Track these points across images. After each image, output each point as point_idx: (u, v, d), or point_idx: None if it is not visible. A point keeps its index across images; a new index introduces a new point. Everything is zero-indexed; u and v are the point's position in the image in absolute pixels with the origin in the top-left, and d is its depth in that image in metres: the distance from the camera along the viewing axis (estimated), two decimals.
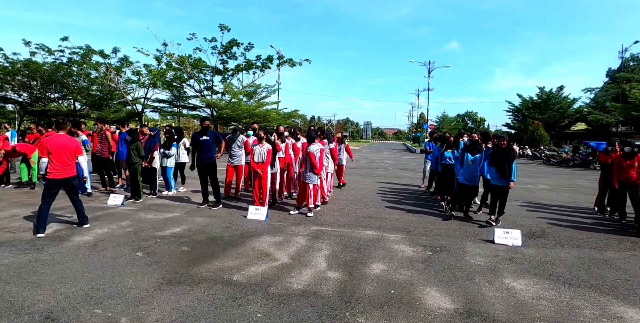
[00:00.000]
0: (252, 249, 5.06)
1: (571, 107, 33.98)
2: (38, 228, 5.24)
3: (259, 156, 7.17)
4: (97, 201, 7.85)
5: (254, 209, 6.89)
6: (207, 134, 7.35)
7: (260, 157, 7.17)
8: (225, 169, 8.67)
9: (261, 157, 7.15)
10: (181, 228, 5.98)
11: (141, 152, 7.77)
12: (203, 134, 7.37)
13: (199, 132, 7.46)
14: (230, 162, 8.71)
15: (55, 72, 24.74)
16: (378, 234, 5.99)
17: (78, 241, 5.16)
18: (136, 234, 5.58)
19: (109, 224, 6.07)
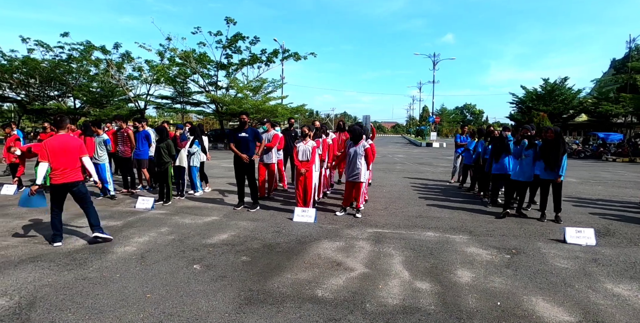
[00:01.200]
0: (319, 257, 4.57)
1: (575, 99, 33.73)
2: (54, 237, 4.71)
3: (304, 154, 6.62)
4: (122, 204, 7.22)
5: (301, 211, 6.35)
6: (246, 131, 6.74)
7: (305, 155, 6.62)
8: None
9: (306, 154, 6.60)
10: (228, 235, 5.41)
11: (172, 151, 7.15)
12: (241, 131, 6.76)
13: (237, 129, 6.85)
14: (261, 159, 8.17)
15: (55, 69, 23.78)
16: (440, 235, 5.58)
17: (121, 253, 4.56)
18: (182, 242, 5.00)
19: (147, 231, 5.47)
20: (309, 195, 6.65)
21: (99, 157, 7.45)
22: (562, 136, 6.57)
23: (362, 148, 6.55)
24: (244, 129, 6.76)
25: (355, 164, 6.56)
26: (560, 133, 6.57)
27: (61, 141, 4.61)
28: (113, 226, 5.68)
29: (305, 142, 6.64)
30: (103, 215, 6.31)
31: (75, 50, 24.20)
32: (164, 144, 7.12)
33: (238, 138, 6.73)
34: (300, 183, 6.66)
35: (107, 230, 5.46)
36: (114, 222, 5.94)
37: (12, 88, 25.06)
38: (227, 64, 25.77)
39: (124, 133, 7.98)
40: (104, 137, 7.45)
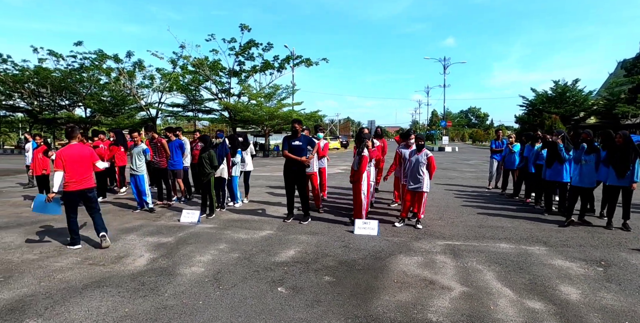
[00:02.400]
0: (406, 275, 4.18)
1: (587, 100, 33.47)
2: (74, 241, 4.94)
3: (355, 163, 6.23)
4: (164, 218, 6.78)
5: (362, 223, 5.94)
6: (300, 139, 6.34)
7: (356, 164, 6.23)
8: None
9: (356, 164, 6.22)
10: (295, 251, 4.98)
11: (214, 162, 6.74)
12: (295, 138, 6.36)
13: (290, 136, 6.45)
14: None
15: (66, 78, 23.44)
16: (516, 247, 5.24)
17: (190, 275, 4.12)
18: (250, 261, 4.57)
19: (205, 249, 5.04)
20: (359, 205, 6.24)
21: (137, 168, 7.03)
22: (632, 141, 6.24)
23: (424, 156, 6.23)
24: (297, 137, 6.37)
25: (417, 173, 6.21)
26: (630, 138, 6.25)
27: (75, 150, 4.81)
28: (166, 243, 5.25)
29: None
30: (149, 230, 5.90)
31: (87, 59, 23.87)
32: (206, 154, 6.71)
33: (292, 146, 6.34)
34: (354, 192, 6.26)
35: (161, 247, 5.05)
36: (165, 238, 5.50)
37: (23, 98, 24.71)
38: (239, 70, 25.43)
39: (157, 143, 7.57)
40: (142, 147, 7.03)
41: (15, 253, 4.75)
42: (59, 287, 3.73)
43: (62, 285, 3.80)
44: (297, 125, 6.38)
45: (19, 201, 8.48)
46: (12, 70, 23.28)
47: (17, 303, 3.38)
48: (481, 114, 68.23)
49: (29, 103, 25.46)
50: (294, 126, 6.41)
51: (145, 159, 7.06)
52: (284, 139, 6.55)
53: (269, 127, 23.73)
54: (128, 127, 21.28)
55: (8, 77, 23.12)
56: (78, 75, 24.25)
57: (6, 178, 12.19)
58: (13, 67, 23.35)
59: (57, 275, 4.03)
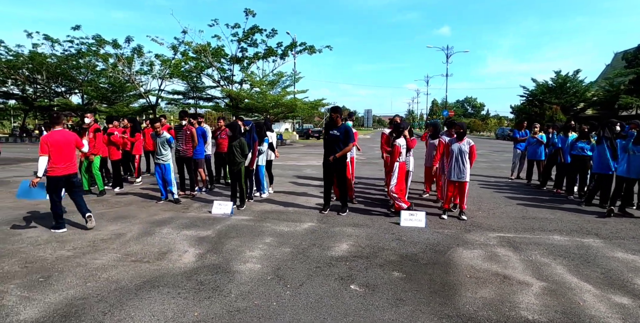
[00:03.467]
0: (475, 269, 3.96)
1: (587, 91, 33.50)
2: (59, 225, 4.99)
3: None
4: (193, 209, 6.39)
5: (408, 215, 5.67)
6: (339, 128, 5.97)
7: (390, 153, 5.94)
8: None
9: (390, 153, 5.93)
10: (348, 245, 4.67)
11: (245, 150, 6.34)
12: (333, 128, 5.99)
13: (329, 125, 6.07)
14: None
15: (62, 64, 22.46)
16: (571, 239, 5.05)
17: (248, 272, 3.78)
18: (306, 256, 4.25)
19: (251, 243, 4.69)
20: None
21: (163, 157, 6.59)
22: None
23: (467, 145, 5.95)
24: (336, 126, 5.99)
25: (460, 162, 5.93)
26: None
27: (60, 136, 4.83)
28: (206, 237, 4.88)
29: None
30: (182, 223, 5.52)
31: (84, 44, 22.84)
32: (237, 142, 6.31)
33: (329, 135, 5.98)
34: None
35: (203, 241, 4.70)
36: (203, 231, 5.13)
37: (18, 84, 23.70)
38: (241, 57, 24.64)
39: (186, 131, 7.11)
40: (166, 136, 6.58)
41: (46, 250, 4.35)
42: (109, 288, 3.36)
43: (112, 285, 3.42)
44: (334, 114, 6.00)
45: None
46: (5, 56, 22.25)
47: (68, 308, 3.01)
48: (477, 104, 68.30)
49: (23, 90, 24.43)
50: (332, 116, 6.03)
51: (170, 146, 6.62)
52: (325, 126, 6.19)
53: (273, 115, 23.14)
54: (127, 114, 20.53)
55: (2, 62, 22.10)
56: (74, 61, 23.26)
57: (8, 167, 11.57)
58: (6, 53, 22.31)
59: (101, 274, 3.65)
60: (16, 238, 4.75)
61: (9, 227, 5.29)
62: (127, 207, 6.49)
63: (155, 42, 22.50)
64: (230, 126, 6.38)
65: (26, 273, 3.68)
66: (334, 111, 6.01)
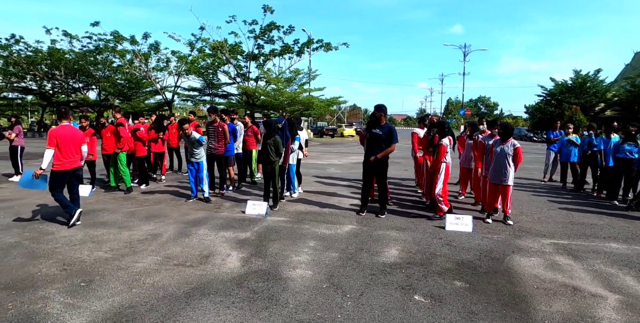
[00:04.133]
0: (540, 279, 3.68)
1: (608, 91, 32.64)
2: (70, 210, 4.93)
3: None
4: (224, 209, 6.16)
5: (454, 219, 5.37)
6: (382, 128, 5.69)
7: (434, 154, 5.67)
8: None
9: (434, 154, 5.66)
10: (397, 250, 4.39)
11: (280, 149, 6.10)
12: (375, 126, 5.71)
13: (371, 123, 5.79)
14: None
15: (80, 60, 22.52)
16: (629, 248, 4.74)
17: (301, 279, 3.53)
18: (357, 262, 3.98)
19: (294, 246, 4.44)
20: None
21: (196, 155, 6.38)
22: None
23: (511, 147, 5.61)
24: (379, 125, 5.71)
25: (501, 164, 5.62)
26: None
27: (68, 131, 4.89)
28: (246, 239, 4.64)
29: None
30: (217, 223, 5.30)
31: (102, 40, 22.82)
32: (272, 140, 6.06)
33: (371, 134, 5.71)
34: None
35: (244, 244, 4.46)
36: (242, 233, 4.89)
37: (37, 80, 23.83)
38: (257, 54, 24.40)
39: (218, 127, 6.87)
40: (195, 136, 6.35)
41: (82, 251, 4.14)
42: (156, 296, 3.13)
43: (159, 292, 3.19)
44: (378, 112, 5.71)
45: None
46: (25, 52, 22.34)
47: (117, 318, 2.78)
48: (491, 103, 67.27)
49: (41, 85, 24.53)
50: (375, 114, 5.75)
51: (201, 145, 6.40)
52: (367, 125, 5.92)
53: (289, 112, 22.87)
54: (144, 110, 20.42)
55: (22, 58, 22.21)
56: (92, 58, 23.28)
57: (30, 162, 11.49)
58: (26, 49, 22.40)
59: (145, 280, 3.43)
60: (49, 238, 4.56)
61: (39, 224, 5.12)
62: (157, 206, 6.28)
63: (172, 39, 22.43)
64: (266, 123, 6.13)
65: (66, 276, 3.47)
66: (379, 109, 5.73)
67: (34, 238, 4.52)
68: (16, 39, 23.49)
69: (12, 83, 24.25)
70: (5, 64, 22.95)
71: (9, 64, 22.80)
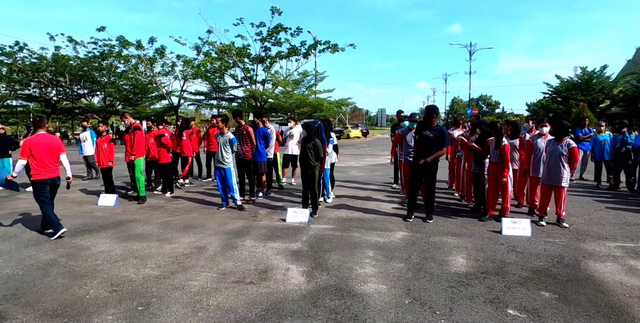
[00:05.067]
0: (628, 287, 3.42)
1: (615, 87, 32.41)
2: (57, 227, 4.76)
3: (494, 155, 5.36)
4: (262, 217, 5.83)
5: (511, 222, 5.08)
6: (434, 130, 5.39)
7: (495, 156, 5.39)
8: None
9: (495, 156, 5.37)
10: (464, 258, 4.09)
11: (320, 153, 5.78)
12: (427, 128, 5.41)
13: (422, 125, 5.49)
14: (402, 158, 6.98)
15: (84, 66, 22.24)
16: None
17: (377, 295, 3.22)
18: (428, 273, 3.68)
19: (353, 257, 4.13)
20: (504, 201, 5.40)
21: (224, 160, 6.05)
22: None
23: (565, 146, 5.31)
24: (430, 127, 5.40)
25: (556, 165, 5.34)
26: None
27: (44, 140, 4.78)
28: (299, 250, 4.31)
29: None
30: (261, 233, 4.98)
31: (107, 46, 22.50)
32: (312, 144, 5.75)
33: (422, 135, 5.40)
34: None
35: (299, 256, 4.15)
36: (291, 243, 4.57)
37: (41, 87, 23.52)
38: (264, 56, 24.08)
39: (242, 131, 6.55)
40: (229, 136, 6.04)
41: (127, 268, 3.81)
42: (228, 320, 2.81)
43: (229, 316, 2.87)
44: (429, 114, 5.42)
45: (79, 197, 7.51)
46: (29, 59, 22.05)
47: None
48: (492, 102, 67.12)
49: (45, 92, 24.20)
50: (426, 115, 5.46)
51: (232, 149, 6.07)
52: (417, 127, 5.61)
53: (297, 115, 22.54)
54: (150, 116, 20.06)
55: (26, 66, 21.91)
56: (96, 63, 22.98)
57: None
58: (30, 56, 22.11)
59: (208, 301, 3.10)
60: (87, 253, 4.23)
61: (70, 238, 4.78)
62: (189, 215, 5.95)
63: (178, 43, 22.09)
64: (307, 126, 5.82)
65: (118, 299, 3.14)
66: (431, 111, 5.44)
67: (70, 255, 4.18)
68: (20, 46, 23.29)
69: (15, 91, 23.96)
70: (9, 72, 22.69)
71: (12, 71, 22.53)
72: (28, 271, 3.75)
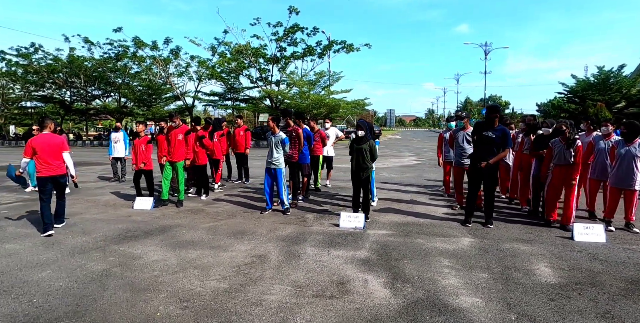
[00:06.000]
0: None
1: (634, 87, 31.78)
2: (46, 228, 4.95)
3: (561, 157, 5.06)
4: (311, 222, 5.54)
5: (582, 228, 4.77)
6: (496, 130, 5.08)
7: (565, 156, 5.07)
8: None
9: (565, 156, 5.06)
10: (548, 268, 3.81)
11: (375, 154, 5.50)
12: (489, 128, 5.10)
13: (483, 125, 5.19)
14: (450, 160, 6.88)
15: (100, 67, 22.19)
16: None
17: (478, 310, 2.93)
18: (520, 285, 3.40)
19: (431, 266, 3.84)
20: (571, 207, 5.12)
21: (275, 161, 5.77)
22: None
23: (638, 147, 4.99)
24: (492, 127, 5.09)
25: (629, 167, 5.03)
26: None
27: (45, 139, 5.04)
28: (367, 259, 4.02)
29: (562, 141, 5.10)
30: (319, 240, 4.72)
31: (122, 46, 22.40)
32: (367, 144, 5.47)
33: (482, 136, 5.10)
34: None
35: (372, 266, 3.86)
36: (356, 251, 4.28)
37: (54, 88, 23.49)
38: (280, 56, 23.83)
39: (292, 132, 6.27)
40: (281, 136, 5.76)
41: (190, 280, 3.52)
42: None
43: None
44: (492, 113, 5.12)
45: (112, 200, 7.26)
46: (45, 60, 22.02)
47: None
48: (502, 102, 66.32)
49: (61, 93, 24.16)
50: (488, 114, 5.16)
51: (284, 150, 5.80)
52: (476, 126, 5.31)
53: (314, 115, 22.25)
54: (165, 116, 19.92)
55: (42, 67, 21.87)
56: (110, 64, 22.90)
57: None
58: (45, 57, 22.10)
59: (296, 319, 2.82)
60: (141, 263, 3.95)
61: (117, 245, 4.51)
62: (233, 220, 5.68)
63: (193, 44, 21.91)
64: (363, 126, 5.53)
65: (194, 317, 2.85)
66: (494, 110, 5.14)
67: (123, 265, 3.91)
68: (35, 47, 23.25)
69: (30, 92, 23.96)
70: (24, 73, 22.69)
71: (28, 72, 22.51)
72: (83, 283, 3.46)
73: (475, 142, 5.29)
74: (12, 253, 4.29)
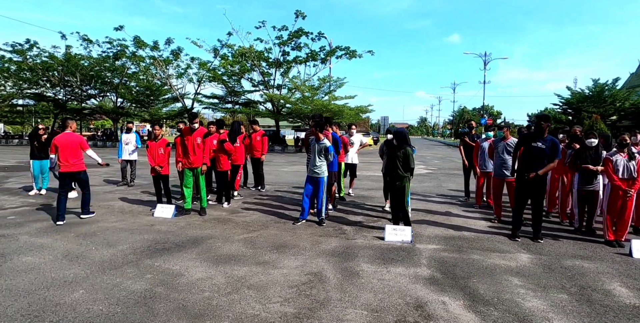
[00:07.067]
0: None
1: (627, 100, 32.40)
2: (58, 217, 5.47)
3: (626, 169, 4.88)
4: (352, 234, 5.25)
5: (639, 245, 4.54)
6: (545, 140, 4.89)
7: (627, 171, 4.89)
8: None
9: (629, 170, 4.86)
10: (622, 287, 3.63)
11: (411, 162, 5.22)
12: (538, 138, 4.91)
13: (532, 135, 5.00)
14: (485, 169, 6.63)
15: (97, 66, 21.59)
16: None
17: None
18: (608, 307, 3.19)
19: (502, 286, 3.58)
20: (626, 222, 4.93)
21: (317, 169, 5.49)
22: None
23: None
24: (541, 137, 4.90)
25: None
26: None
27: (65, 138, 5.54)
28: (432, 277, 3.76)
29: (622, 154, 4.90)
30: (368, 254, 4.45)
31: (121, 46, 21.83)
32: (402, 152, 5.20)
33: (532, 148, 4.90)
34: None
35: (437, 284, 3.57)
36: (415, 268, 4.01)
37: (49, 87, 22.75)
38: (282, 61, 23.56)
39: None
40: (326, 144, 5.47)
41: (248, 302, 3.17)
42: None
43: None
44: (543, 123, 4.93)
45: (125, 206, 6.85)
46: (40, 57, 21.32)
47: None
48: (494, 112, 67.28)
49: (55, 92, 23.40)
50: (539, 123, 4.96)
51: (327, 158, 5.51)
52: (523, 137, 5.12)
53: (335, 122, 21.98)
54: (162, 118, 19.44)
55: (37, 64, 21.13)
56: (107, 63, 22.30)
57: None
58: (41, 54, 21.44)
59: None
60: (185, 282, 3.56)
61: (150, 259, 4.12)
62: (267, 231, 5.34)
63: (195, 45, 21.48)
64: (397, 133, 5.28)
65: None
66: (544, 119, 4.95)
67: (165, 284, 3.52)
68: (31, 44, 22.46)
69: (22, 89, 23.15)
70: (18, 69, 21.93)
71: (22, 70, 21.77)
72: (127, 307, 3.02)
73: (523, 153, 5.07)
74: (32, 267, 3.86)
